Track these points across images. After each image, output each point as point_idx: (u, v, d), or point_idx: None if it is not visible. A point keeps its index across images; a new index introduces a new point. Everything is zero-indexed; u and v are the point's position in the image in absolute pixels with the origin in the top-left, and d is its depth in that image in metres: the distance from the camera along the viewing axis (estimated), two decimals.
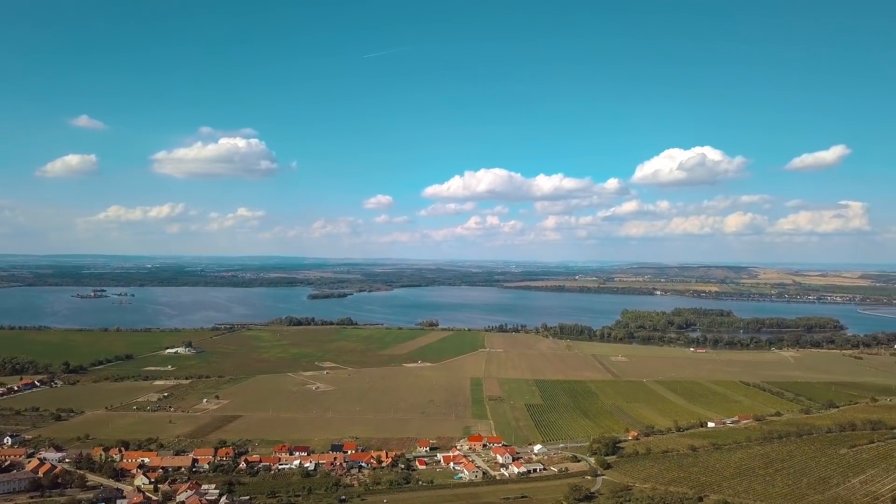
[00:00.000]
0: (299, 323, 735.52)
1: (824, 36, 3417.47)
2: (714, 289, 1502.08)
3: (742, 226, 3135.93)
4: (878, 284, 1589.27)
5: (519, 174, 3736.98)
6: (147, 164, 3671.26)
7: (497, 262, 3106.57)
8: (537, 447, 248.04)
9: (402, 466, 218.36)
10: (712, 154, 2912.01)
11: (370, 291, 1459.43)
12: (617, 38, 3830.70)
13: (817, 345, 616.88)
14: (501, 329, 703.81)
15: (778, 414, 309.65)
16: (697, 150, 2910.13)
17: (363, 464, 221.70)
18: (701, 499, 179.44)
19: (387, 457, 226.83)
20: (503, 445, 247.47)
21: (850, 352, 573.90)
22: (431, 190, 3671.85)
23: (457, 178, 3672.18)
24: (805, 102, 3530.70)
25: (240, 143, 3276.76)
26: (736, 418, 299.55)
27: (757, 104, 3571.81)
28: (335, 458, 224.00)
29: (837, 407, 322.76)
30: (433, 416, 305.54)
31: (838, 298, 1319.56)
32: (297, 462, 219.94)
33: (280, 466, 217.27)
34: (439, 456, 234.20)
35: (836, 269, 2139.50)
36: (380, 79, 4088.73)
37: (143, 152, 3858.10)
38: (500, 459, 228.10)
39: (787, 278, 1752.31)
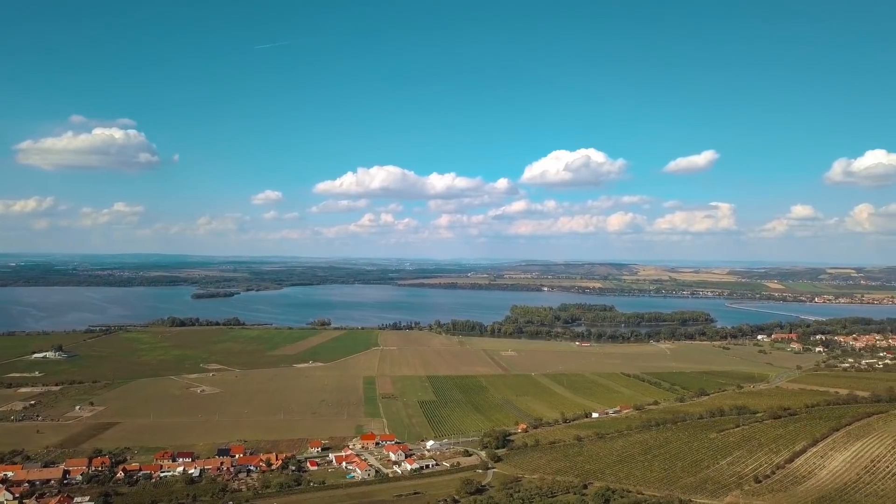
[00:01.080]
0: (182, 324, 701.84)
1: (693, 48, 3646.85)
2: (598, 285, 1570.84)
3: (623, 225, 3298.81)
4: (743, 280, 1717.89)
5: (413, 172, 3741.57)
6: (10, 155, 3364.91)
7: (391, 260, 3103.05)
8: (430, 443, 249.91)
9: (293, 468, 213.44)
10: (596, 156, 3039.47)
11: (258, 290, 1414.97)
12: (503, 40, 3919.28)
13: (690, 337, 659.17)
14: (395, 327, 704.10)
15: (656, 403, 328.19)
16: (582, 151, 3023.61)
17: (252, 467, 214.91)
18: (586, 486, 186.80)
19: (277, 459, 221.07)
20: (396, 443, 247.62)
21: (719, 343, 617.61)
22: (323, 186, 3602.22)
23: (350, 174, 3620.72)
24: (679, 109, 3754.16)
25: (116, 133, 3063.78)
26: (618, 408, 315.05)
27: (636, 109, 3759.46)
28: (222, 463, 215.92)
29: (708, 394, 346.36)
30: (325, 416, 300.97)
31: (709, 293, 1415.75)
32: (180, 469, 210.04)
33: (162, 474, 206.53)
34: (331, 456, 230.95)
35: (707, 265, 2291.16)
36: (270, 71, 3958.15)
37: (4, 141, 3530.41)
38: (392, 457, 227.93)
39: (665, 275, 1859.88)
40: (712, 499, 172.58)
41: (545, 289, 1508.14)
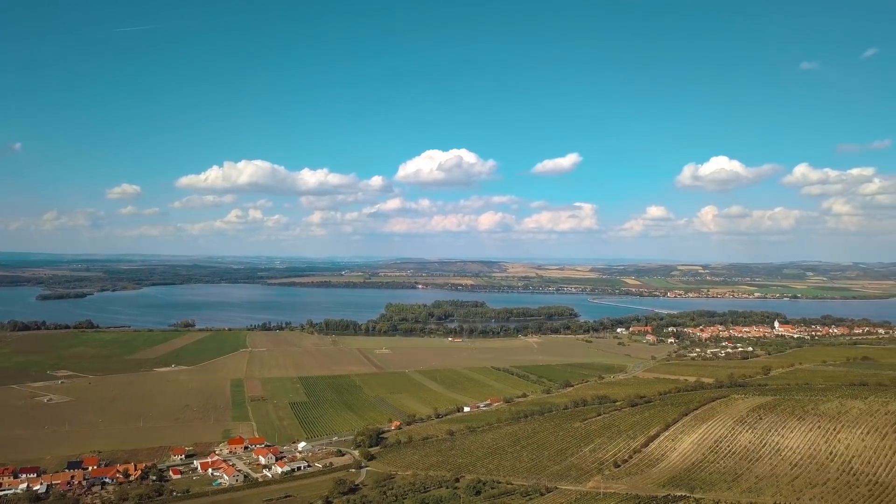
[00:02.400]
0: (26, 328, 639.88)
1: (558, 53, 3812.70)
2: (470, 282, 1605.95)
3: (494, 224, 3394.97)
4: (604, 276, 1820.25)
5: (283, 167, 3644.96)
6: None
7: (260, 258, 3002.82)
8: (301, 444, 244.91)
9: (154, 478, 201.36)
10: (468, 156, 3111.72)
11: (115, 291, 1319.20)
12: (377, 36, 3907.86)
13: (556, 331, 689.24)
14: (265, 327, 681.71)
15: (524, 395, 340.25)
16: (455, 151, 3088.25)
17: (107, 480, 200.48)
18: (458, 479, 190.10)
19: (135, 469, 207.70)
20: (266, 446, 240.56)
21: (582, 336, 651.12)
22: (186, 180, 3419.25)
23: (216, 168, 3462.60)
24: (546, 112, 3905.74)
25: None
26: (488, 401, 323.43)
27: (506, 112, 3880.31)
28: (72, 477, 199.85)
29: (572, 385, 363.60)
30: (189, 421, 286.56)
31: (573, 289, 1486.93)
32: (23, 486, 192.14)
33: (2, 493, 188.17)
34: (196, 463, 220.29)
35: (571, 263, 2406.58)
36: (128, 55, 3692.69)
37: None
38: (262, 461, 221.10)
39: (532, 272, 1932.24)
40: (576, 485, 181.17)
41: (420, 286, 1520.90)
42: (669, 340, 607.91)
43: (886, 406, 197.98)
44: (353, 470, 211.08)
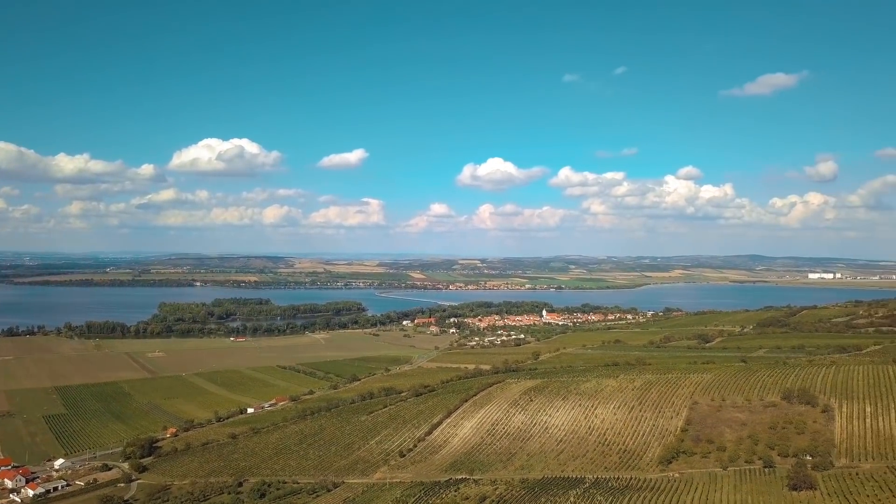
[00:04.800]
0: None
1: (338, 49, 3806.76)
2: (254, 279, 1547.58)
3: (280, 218, 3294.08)
4: (391, 271, 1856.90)
5: (33, 151, 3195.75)
6: None
7: (6, 254, 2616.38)
8: (59, 462, 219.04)
9: None
10: (250, 147, 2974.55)
11: None
12: (143, 12, 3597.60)
13: (344, 326, 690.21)
14: (11, 333, 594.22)
15: (311, 392, 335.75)
16: (236, 141, 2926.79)
17: None
18: (241, 484, 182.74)
19: None
20: (14, 467, 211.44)
21: (370, 330, 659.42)
22: None
23: None
24: (330, 105, 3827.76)
25: None
26: (273, 401, 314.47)
27: (291, 103, 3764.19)
28: None
29: (360, 380, 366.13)
30: None
31: (361, 284, 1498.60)
32: None
33: None
34: None
35: (360, 258, 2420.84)
36: None
37: None
38: (9, 484, 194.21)
39: (320, 267, 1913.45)
40: (363, 477, 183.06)
41: (198, 284, 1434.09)
42: (451, 331, 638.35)
43: (633, 383, 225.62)
44: (123, 485, 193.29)
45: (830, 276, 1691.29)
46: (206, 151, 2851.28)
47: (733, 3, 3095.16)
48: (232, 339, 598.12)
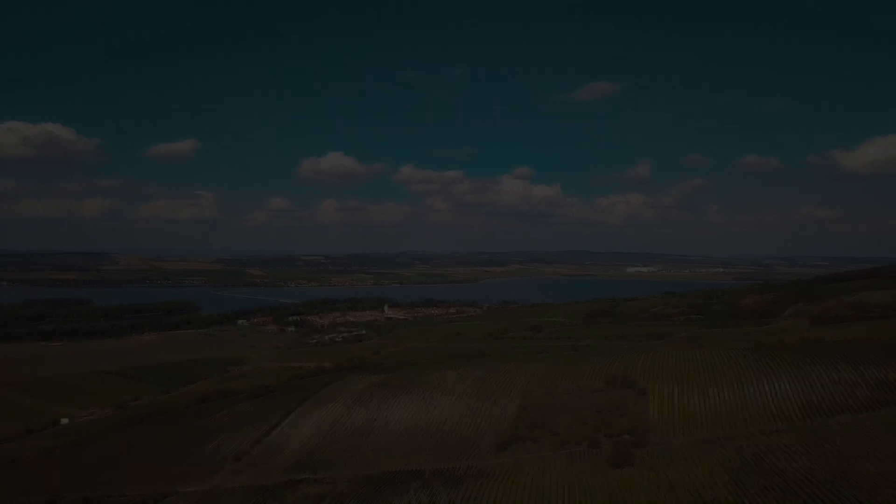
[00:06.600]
0: None
1: (165, 33, 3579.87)
2: (73, 277, 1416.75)
3: (102, 210, 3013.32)
4: (228, 268, 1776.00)
5: None
6: None
7: None
8: None
9: None
10: (65, 133, 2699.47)
11: None
12: None
13: (177, 326, 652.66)
14: None
15: (138, 398, 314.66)
16: (48, 126, 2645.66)
17: None
18: (55, 502, 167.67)
19: None
20: None
21: (205, 330, 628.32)
22: None
23: None
24: (156, 90, 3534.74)
25: None
26: (97, 409, 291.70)
27: (109, 81, 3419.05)
28: None
29: (194, 383, 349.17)
30: None
31: (195, 282, 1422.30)
32: None
33: None
34: None
35: (194, 254, 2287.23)
36: None
37: None
38: None
39: (148, 264, 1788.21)
40: (199, 485, 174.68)
41: (4, 283, 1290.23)
42: (291, 329, 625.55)
43: (472, 374, 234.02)
44: None
45: (647, 269, 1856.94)
46: (9, 135, 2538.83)
47: (567, 8, 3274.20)
48: (45, 343, 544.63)
